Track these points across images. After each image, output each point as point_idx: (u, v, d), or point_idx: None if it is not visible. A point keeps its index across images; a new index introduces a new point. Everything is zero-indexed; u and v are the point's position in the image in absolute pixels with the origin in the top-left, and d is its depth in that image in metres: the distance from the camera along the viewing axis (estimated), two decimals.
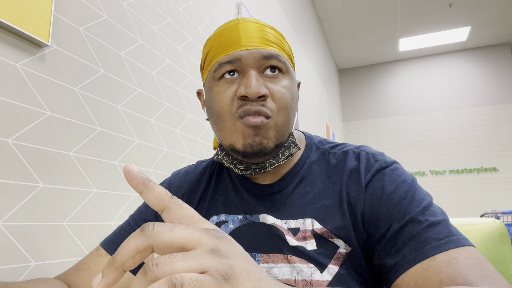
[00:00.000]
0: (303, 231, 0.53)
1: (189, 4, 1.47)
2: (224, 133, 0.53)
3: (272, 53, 0.53)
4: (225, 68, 0.53)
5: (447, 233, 0.45)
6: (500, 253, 0.71)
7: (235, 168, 0.56)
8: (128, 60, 1.07)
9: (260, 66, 0.53)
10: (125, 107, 1.04)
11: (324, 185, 0.56)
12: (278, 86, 0.53)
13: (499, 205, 4.77)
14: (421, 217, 0.47)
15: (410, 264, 0.44)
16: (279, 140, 0.53)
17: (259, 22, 0.56)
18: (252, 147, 0.51)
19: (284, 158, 0.55)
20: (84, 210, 0.87)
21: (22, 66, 0.75)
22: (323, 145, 0.62)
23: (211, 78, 0.55)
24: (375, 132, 5.59)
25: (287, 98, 0.53)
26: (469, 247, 0.44)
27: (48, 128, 0.80)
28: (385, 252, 0.48)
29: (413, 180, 0.52)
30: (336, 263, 0.50)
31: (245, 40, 0.53)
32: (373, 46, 5.29)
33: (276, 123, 0.52)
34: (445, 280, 0.40)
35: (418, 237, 0.46)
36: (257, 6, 2.31)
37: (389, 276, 0.47)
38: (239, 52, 0.52)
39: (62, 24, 0.86)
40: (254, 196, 0.58)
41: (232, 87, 0.52)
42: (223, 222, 0.59)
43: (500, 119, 5.02)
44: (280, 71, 0.54)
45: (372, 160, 0.55)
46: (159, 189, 0.29)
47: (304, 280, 0.49)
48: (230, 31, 0.54)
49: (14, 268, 0.70)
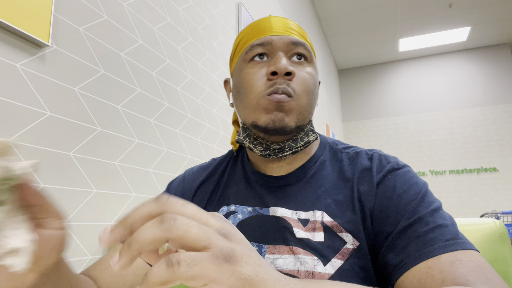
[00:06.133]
0: (313, 222, 0.54)
1: (189, 4, 1.47)
2: (248, 110, 0.56)
3: (300, 41, 0.58)
4: (256, 50, 0.57)
5: (454, 235, 0.46)
6: (500, 253, 0.71)
7: (255, 148, 0.58)
8: (128, 60, 1.07)
9: (288, 51, 0.57)
10: (125, 107, 1.04)
11: (336, 181, 0.57)
12: (303, 71, 0.57)
13: (499, 205, 4.77)
14: (430, 218, 0.48)
15: (415, 262, 0.45)
16: (300, 122, 0.55)
17: (287, 18, 0.62)
18: (274, 122, 0.53)
19: (302, 144, 0.57)
20: (84, 210, 0.87)
21: (22, 66, 0.75)
22: (336, 145, 0.64)
23: (241, 61, 0.59)
24: (375, 132, 5.59)
25: (310, 83, 0.57)
26: (475, 251, 0.44)
27: (48, 128, 0.80)
28: (391, 250, 0.49)
29: (425, 183, 0.53)
30: (341, 257, 0.51)
31: (276, 28, 0.58)
32: (373, 46, 5.29)
33: (299, 104, 0.55)
34: (447, 279, 0.41)
35: (424, 237, 0.46)
36: (257, 6, 2.31)
37: (393, 273, 0.47)
38: (271, 36, 0.57)
39: (62, 24, 0.86)
40: (266, 189, 0.60)
41: (262, 69, 0.56)
42: (232, 213, 0.60)
43: (500, 119, 5.02)
44: (305, 60, 0.58)
45: (384, 161, 0.56)
46: (145, 209, 0.28)
47: (306, 271, 0.50)
48: (262, 22, 0.59)
49: None
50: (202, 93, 1.50)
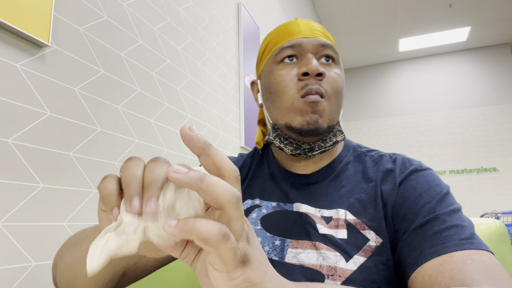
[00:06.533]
0: (336, 219, 0.55)
1: (189, 4, 1.47)
2: (281, 111, 0.58)
3: (328, 43, 0.60)
4: (286, 52, 0.59)
5: (469, 236, 0.46)
6: (500, 253, 0.71)
7: (285, 147, 0.60)
8: (128, 60, 1.07)
9: (317, 52, 0.59)
10: (125, 107, 1.04)
11: (359, 182, 0.59)
12: (331, 72, 0.59)
13: (499, 205, 4.77)
14: (447, 218, 0.48)
15: (428, 258, 0.45)
16: (331, 122, 0.57)
17: (312, 21, 0.64)
18: (309, 124, 0.55)
19: (331, 144, 0.59)
20: (84, 210, 0.87)
21: (22, 66, 0.75)
22: (360, 148, 0.65)
23: (271, 63, 0.61)
24: (375, 132, 5.59)
25: (340, 84, 0.59)
26: (489, 253, 0.44)
27: (48, 128, 0.80)
28: (406, 246, 0.49)
29: (447, 186, 0.54)
30: (364, 254, 0.51)
31: (305, 30, 0.60)
32: (373, 46, 5.29)
33: (329, 104, 0.57)
34: (456, 277, 0.41)
35: (439, 234, 0.46)
36: (257, 6, 2.31)
37: (407, 269, 0.48)
38: (300, 39, 0.59)
39: (62, 24, 0.86)
40: (291, 186, 0.61)
41: (293, 70, 0.58)
42: (257, 206, 0.62)
43: (500, 119, 5.02)
44: (333, 61, 0.60)
45: (407, 163, 0.58)
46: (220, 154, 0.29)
47: (329, 266, 0.51)
48: (290, 25, 0.61)
49: (14, 268, 0.70)
50: (202, 93, 1.50)
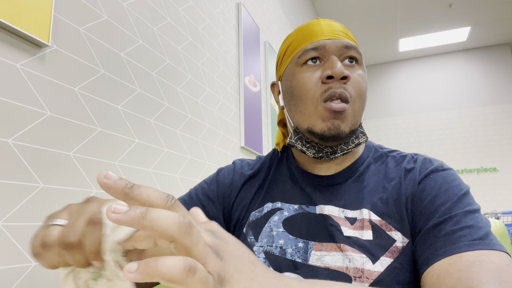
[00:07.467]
0: (360, 220, 0.55)
1: (189, 4, 1.47)
2: (304, 115, 0.57)
3: (352, 44, 0.58)
4: (310, 54, 0.57)
5: (482, 236, 0.45)
6: None
7: (307, 150, 0.59)
8: (128, 60, 1.07)
9: (341, 54, 0.58)
10: (125, 107, 1.04)
11: (381, 182, 0.58)
12: (355, 74, 0.58)
13: (499, 205, 4.76)
14: (462, 218, 0.47)
15: (438, 258, 0.45)
16: (354, 126, 0.57)
17: (333, 21, 0.62)
18: (330, 130, 0.54)
19: (353, 146, 0.58)
20: None
21: (22, 66, 0.75)
22: (382, 148, 0.65)
23: (294, 65, 0.60)
24: (375, 132, 5.59)
25: (363, 86, 0.58)
26: (502, 253, 0.43)
27: (48, 128, 0.80)
28: (420, 245, 0.49)
29: (467, 187, 0.53)
30: (391, 256, 0.51)
31: (328, 32, 0.59)
32: (373, 46, 5.29)
33: (353, 109, 0.56)
34: (463, 278, 0.40)
35: (452, 235, 0.46)
36: (257, 6, 2.31)
37: (420, 269, 0.48)
38: (324, 40, 0.58)
39: (62, 24, 0.86)
40: (313, 187, 0.61)
41: (316, 73, 0.57)
42: (279, 209, 0.61)
43: (500, 119, 5.02)
44: (356, 62, 0.59)
45: (428, 163, 0.58)
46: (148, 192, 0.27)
47: (355, 268, 0.51)
48: (312, 26, 0.60)
49: (14, 268, 0.70)
50: (202, 93, 1.50)
